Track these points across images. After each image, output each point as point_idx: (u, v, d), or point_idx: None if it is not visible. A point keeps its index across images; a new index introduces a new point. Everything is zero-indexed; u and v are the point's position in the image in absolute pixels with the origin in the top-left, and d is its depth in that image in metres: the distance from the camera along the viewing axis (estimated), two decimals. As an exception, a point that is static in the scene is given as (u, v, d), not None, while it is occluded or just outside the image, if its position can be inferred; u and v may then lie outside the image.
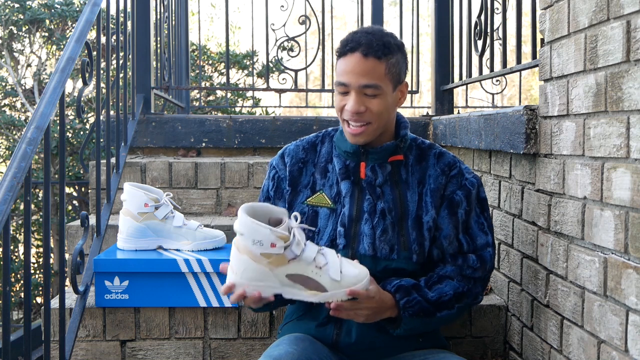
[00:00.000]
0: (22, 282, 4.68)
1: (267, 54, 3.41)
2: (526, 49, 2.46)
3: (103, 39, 4.18)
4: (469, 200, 1.64)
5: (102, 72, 2.65)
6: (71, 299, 2.08)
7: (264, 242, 1.40)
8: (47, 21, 5.34)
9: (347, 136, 1.61)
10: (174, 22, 3.65)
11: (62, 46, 5.32)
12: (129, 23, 2.86)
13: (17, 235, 4.88)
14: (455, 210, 1.63)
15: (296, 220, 1.45)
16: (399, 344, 1.63)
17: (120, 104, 2.52)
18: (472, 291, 1.62)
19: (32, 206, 4.39)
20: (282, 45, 3.63)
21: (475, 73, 2.77)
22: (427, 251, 1.61)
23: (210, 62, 6.06)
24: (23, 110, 5.53)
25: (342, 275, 1.45)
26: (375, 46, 1.53)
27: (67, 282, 1.99)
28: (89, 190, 2.78)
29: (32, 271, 4.86)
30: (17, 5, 5.26)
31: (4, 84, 5.50)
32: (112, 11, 2.46)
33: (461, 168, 1.66)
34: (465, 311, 1.66)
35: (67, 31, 5.45)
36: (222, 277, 1.82)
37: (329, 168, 1.68)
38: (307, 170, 1.69)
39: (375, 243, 1.59)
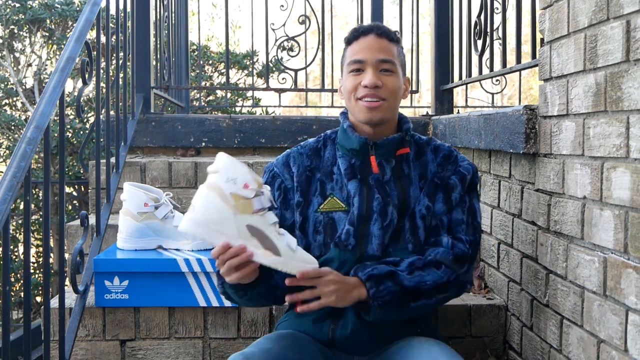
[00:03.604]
0: (22, 281, 4.68)
1: (267, 53, 3.41)
2: (526, 48, 2.46)
3: (103, 39, 4.17)
4: (464, 184, 1.65)
5: (102, 71, 2.65)
6: (71, 298, 2.08)
7: (238, 180, 1.34)
8: (48, 21, 5.34)
9: (362, 114, 1.60)
10: (174, 22, 3.65)
11: (62, 46, 5.32)
12: (129, 23, 2.87)
13: (17, 235, 4.87)
14: (449, 194, 1.63)
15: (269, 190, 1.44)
16: (398, 333, 1.61)
17: (120, 104, 2.52)
18: (458, 278, 1.57)
19: (32, 206, 4.40)
20: (282, 45, 3.63)
21: (475, 73, 2.77)
22: (423, 240, 1.60)
23: (210, 62, 6.05)
24: (23, 110, 5.53)
25: (297, 248, 1.44)
26: (387, 30, 1.65)
27: (67, 282, 1.99)
28: (89, 190, 2.78)
29: (32, 271, 4.85)
30: (17, 5, 5.26)
31: (4, 83, 5.50)
32: (112, 11, 2.46)
33: (457, 156, 1.69)
34: (447, 300, 1.62)
35: (68, 31, 5.45)
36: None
37: (335, 171, 1.66)
38: (315, 177, 1.67)
39: (383, 244, 1.58)
